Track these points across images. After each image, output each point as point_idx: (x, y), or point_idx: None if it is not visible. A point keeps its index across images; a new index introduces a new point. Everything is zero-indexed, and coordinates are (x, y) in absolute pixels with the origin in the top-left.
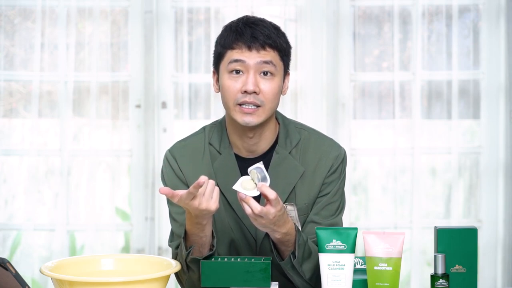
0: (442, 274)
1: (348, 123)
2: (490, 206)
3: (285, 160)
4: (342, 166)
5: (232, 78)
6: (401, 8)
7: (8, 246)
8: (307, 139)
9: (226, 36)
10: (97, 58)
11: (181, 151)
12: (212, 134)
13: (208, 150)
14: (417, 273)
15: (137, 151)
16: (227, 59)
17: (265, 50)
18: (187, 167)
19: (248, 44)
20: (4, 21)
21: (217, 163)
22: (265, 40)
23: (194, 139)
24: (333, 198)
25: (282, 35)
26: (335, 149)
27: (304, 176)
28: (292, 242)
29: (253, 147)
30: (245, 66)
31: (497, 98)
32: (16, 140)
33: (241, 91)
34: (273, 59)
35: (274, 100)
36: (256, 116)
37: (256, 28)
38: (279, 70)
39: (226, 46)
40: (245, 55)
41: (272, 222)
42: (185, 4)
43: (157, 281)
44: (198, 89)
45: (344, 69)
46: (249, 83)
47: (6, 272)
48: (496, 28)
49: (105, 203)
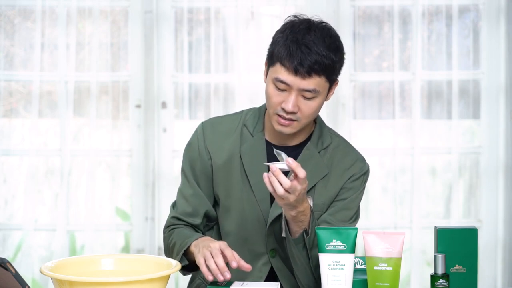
0: (442, 274)
1: (348, 123)
2: (490, 206)
3: (313, 158)
4: (363, 178)
5: (276, 91)
6: (401, 8)
7: (8, 246)
8: (337, 146)
9: (280, 46)
10: (97, 58)
11: (214, 126)
12: (249, 117)
13: (241, 131)
14: (417, 273)
15: (137, 151)
16: (275, 71)
17: (310, 76)
18: (215, 144)
19: (295, 68)
20: (4, 21)
21: (246, 146)
22: (312, 67)
23: (230, 118)
24: (350, 205)
25: (334, 53)
26: (360, 161)
27: (327, 178)
28: (306, 222)
29: (285, 140)
30: (289, 87)
31: (497, 98)
32: (16, 140)
33: (282, 107)
34: (317, 86)
35: (311, 116)
36: (290, 128)
37: (306, 54)
38: (322, 91)
39: (277, 57)
40: (290, 79)
41: (295, 199)
42: (185, 4)
43: (157, 281)
44: (198, 89)
45: (344, 69)
46: (289, 103)
47: (6, 272)
48: (496, 28)
49: (105, 203)
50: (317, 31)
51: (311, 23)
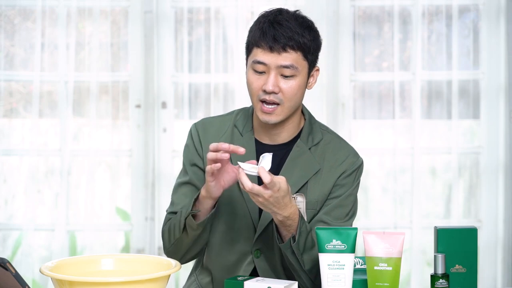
0: (442, 274)
1: (348, 123)
2: (490, 206)
3: (304, 155)
4: (357, 173)
5: (255, 75)
6: (401, 8)
7: (8, 246)
8: (329, 141)
9: (254, 31)
10: (97, 58)
11: (206, 126)
12: (239, 117)
13: (231, 131)
14: (417, 273)
15: (137, 151)
16: (253, 56)
17: (286, 51)
18: (208, 142)
19: (270, 45)
20: (4, 21)
21: (237, 143)
22: (286, 42)
23: (222, 119)
24: (344, 202)
25: (308, 33)
26: (352, 156)
27: (319, 173)
28: (294, 227)
29: (274, 136)
30: (267, 67)
31: (497, 98)
32: (16, 140)
33: (262, 89)
34: (294, 61)
35: (293, 98)
36: (275, 115)
37: (279, 29)
38: (301, 69)
39: (253, 42)
40: (267, 57)
41: (270, 202)
42: (185, 4)
43: (157, 281)
44: (198, 89)
45: (344, 69)
46: (268, 83)
47: (6, 272)
48: (496, 28)
49: (105, 203)
50: (289, 13)
51: (282, 9)
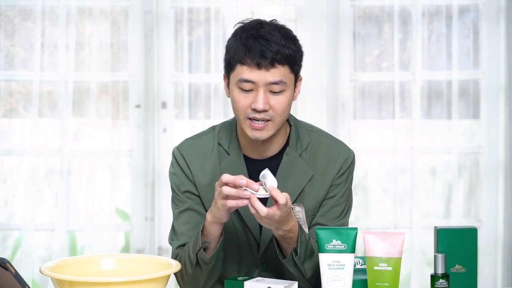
0: (442, 274)
1: (348, 123)
2: (490, 206)
3: (295, 163)
4: (350, 169)
5: (242, 93)
6: (401, 8)
7: (8, 246)
8: (317, 142)
9: (236, 47)
10: (97, 58)
11: (189, 149)
12: (222, 134)
13: (217, 150)
14: (417, 273)
15: (137, 151)
16: (237, 73)
17: (274, 67)
18: (195, 166)
19: (257, 62)
20: (4, 21)
21: (225, 163)
22: (274, 57)
23: (203, 138)
24: (340, 201)
25: (292, 44)
26: (344, 152)
27: (313, 179)
28: (295, 240)
29: (262, 151)
30: (254, 85)
31: (497, 98)
32: (16, 140)
33: (251, 108)
34: (282, 76)
35: (284, 113)
36: (265, 131)
37: (265, 44)
38: (289, 83)
39: (236, 59)
40: (254, 75)
41: (276, 221)
42: (185, 4)
43: (157, 281)
44: (198, 89)
45: (344, 69)
46: (258, 101)
47: (6, 272)
48: (496, 28)
49: (105, 203)
50: (270, 25)
51: (261, 20)
